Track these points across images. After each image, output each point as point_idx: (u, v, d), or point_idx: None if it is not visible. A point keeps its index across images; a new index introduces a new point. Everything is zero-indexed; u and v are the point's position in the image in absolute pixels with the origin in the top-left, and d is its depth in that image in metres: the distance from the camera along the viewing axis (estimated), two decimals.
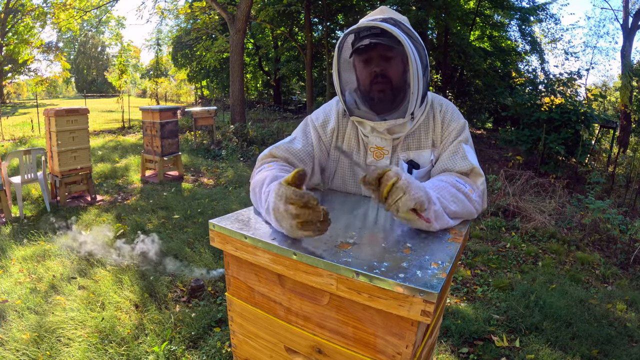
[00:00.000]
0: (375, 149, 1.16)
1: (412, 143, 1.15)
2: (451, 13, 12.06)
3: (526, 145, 7.36)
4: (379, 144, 1.15)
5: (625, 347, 2.35)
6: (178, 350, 2.16)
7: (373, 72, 1.06)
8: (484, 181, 1.08)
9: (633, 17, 14.23)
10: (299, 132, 1.22)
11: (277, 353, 0.93)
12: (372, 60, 1.06)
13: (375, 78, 1.06)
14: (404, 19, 1.10)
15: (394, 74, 1.06)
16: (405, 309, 0.68)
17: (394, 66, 1.05)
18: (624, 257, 3.68)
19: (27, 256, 3.15)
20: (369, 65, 1.07)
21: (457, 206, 0.96)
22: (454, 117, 1.14)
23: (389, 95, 1.07)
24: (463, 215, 0.99)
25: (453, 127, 1.13)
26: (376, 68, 1.05)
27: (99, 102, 24.31)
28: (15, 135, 9.63)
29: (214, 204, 4.78)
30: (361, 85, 1.12)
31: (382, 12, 1.11)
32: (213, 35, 16.16)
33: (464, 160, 1.08)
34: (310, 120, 1.25)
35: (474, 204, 1.01)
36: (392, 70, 1.06)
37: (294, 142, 1.17)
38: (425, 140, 1.14)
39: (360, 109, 1.13)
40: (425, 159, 1.14)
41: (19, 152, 4.15)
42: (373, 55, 1.05)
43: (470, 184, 1.04)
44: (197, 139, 9.38)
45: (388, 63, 1.05)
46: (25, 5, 18.13)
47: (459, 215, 0.98)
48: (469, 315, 2.61)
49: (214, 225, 0.93)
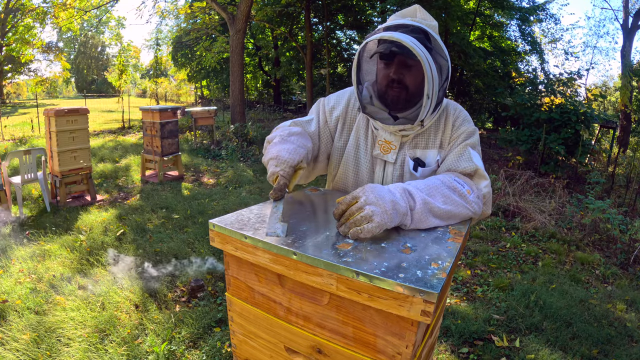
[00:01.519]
0: (384, 142, 1.17)
1: (421, 142, 1.16)
2: (451, 13, 12.05)
3: (526, 145, 7.35)
4: (387, 138, 1.17)
5: (625, 347, 2.35)
6: (178, 350, 2.17)
7: (391, 77, 1.07)
8: (488, 185, 1.09)
9: (633, 17, 14.23)
10: (314, 113, 1.27)
11: (277, 353, 0.93)
12: (392, 65, 1.07)
13: (392, 83, 1.07)
14: (433, 27, 1.09)
15: (411, 82, 1.06)
16: (405, 309, 0.67)
17: (412, 74, 1.05)
18: (624, 257, 3.68)
19: (27, 256, 3.15)
20: (388, 69, 1.07)
21: (449, 206, 0.97)
22: (465, 122, 1.16)
23: (403, 100, 1.08)
24: (457, 215, 0.99)
25: (462, 131, 1.14)
26: (394, 75, 1.06)
27: (99, 102, 24.30)
28: (15, 135, 9.63)
29: (214, 204, 4.78)
30: (378, 84, 1.13)
31: (415, 14, 1.11)
32: (213, 35, 16.16)
33: (469, 162, 1.09)
34: (323, 103, 1.28)
35: (471, 204, 1.01)
36: (409, 78, 1.06)
37: (311, 123, 1.24)
38: (433, 141, 1.16)
39: (374, 104, 1.13)
40: (431, 158, 1.15)
41: (19, 152, 4.15)
42: (395, 60, 1.06)
43: (470, 185, 1.05)
44: (197, 139, 9.38)
45: (407, 70, 1.05)
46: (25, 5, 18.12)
47: (453, 214, 0.98)
48: (469, 315, 2.61)
49: (214, 225, 0.93)
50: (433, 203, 0.94)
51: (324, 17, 14.50)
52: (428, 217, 0.93)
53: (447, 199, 0.97)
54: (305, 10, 13.99)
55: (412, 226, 0.93)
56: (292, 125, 1.20)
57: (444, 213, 0.96)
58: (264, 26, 16.20)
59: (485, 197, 1.08)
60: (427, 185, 0.99)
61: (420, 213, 0.92)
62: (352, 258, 0.76)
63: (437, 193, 0.97)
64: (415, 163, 1.15)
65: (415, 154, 1.16)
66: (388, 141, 1.17)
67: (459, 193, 1.00)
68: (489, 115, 14.74)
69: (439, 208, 0.95)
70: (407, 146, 1.16)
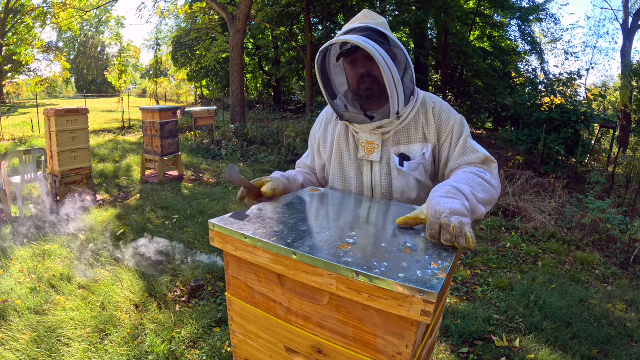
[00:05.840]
0: (366, 143, 1.22)
1: (402, 138, 1.20)
2: (451, 13, 12.05)
3: (526, 145, 7.35)
4: (369, 138, 1.22)
5: (625, 347, 2.35)
6: (178, 350, 2.17)
7: (359, 73, 1.15)
8: (497, 166, 1.17)
9: (633, 17, 14.24)
10: (309, 145, 1.45)
11: (277, 353, 0.93)
12: (357, 62, 1.15)
13: (362, 78, 1.15)
14: (381, 24, 1.17)
15: (379, 74, 1.13)
16: (405, 309, 0.68)
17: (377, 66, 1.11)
18: (624, 257, 3.68)
19: (27, 256, 3.15)
20: (355, 67, 1.16)
21: (486, 194, 1.03)
22: (450, 114, 1.20)
23: (377, 92, 1.16)
24: (490, 201, 1.05)
25: (452, 124, 1.18)
26: (362, 70, 1.14)
27: (99, 102, 24.29)
28: (15, 135, 9.63)
29: (214, 204, 4.78)
30: (351, 86, 1.21)
31: (364, 17, 1.20)
32: (213, 35, 16.15)
33: (476, 153, 1.16)
34: (312, 132, 1.42)
35: (496, 189, 1.09)
36: (377, 70, 1.13)
37: (307, 159, 1.45)
38: (415, 135, 1.20)
39: (350, 111, 1.22)
40: (416, 152, 1.20)
41: (19, 152, 4.15)
42: (358, 57, 1.14)
43: (490, 172, 1.12)
44: (197, 139, 9.38)
45: (372, 63, 1.12)
46: (25, 5, 18.12)
47: (487, 201, 1.03)
48: (469, 315, 2.61)
49: (214, 225, 0.93)
50: (477, 193, 0.99)
51: (324, 17, 14.51)
52: (478, 206, 0.97)
53: (483, 187, 1.04)
54: (305, 10, 14.00)
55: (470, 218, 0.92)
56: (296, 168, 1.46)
57: (485, 200, 1.01)
58: (264, 26, 16.19)
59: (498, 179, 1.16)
60: (464, 179, 1.04)
61: (473, 204, 0.95)
62: (352, 258, 0.76)
63: (475, 184, 1.02)
64: (401, 158, 1.19)
65: (399, 150, 1.20)
66: (370, 141, 1.22)
67: (487, 181, 1.07)
68: (489, 115, 14.74)
69: (480, 197, 1.00)
70: (389, 143, 1.21)
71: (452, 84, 14.55)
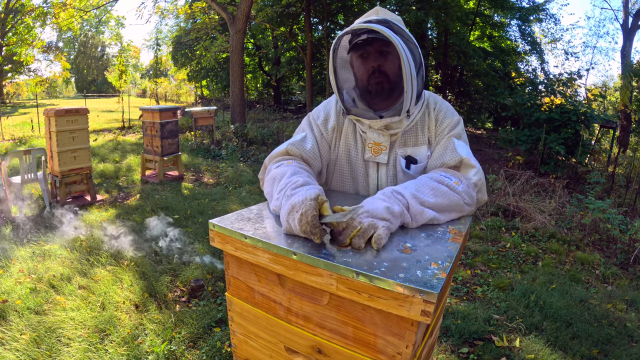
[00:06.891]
0: (373, 145, 1.19)
1: (410, 139, 1.18)
2: (451, 13, 12.05)
3: (526, 145, 7.35)
4: (376, 139, 1.18)
5: (625, 347, 2.35)
6: (178, 350, 2.16)
7: (371, 67, 1.09)
8: (477, 172, 1.08)
9: (633, 17, 14.24)
10: (307, 130, 1.25)
11: (277, 353, 0.93)
12: (369, 55, 1.09)
13: (373, 73, 1.10)
14: (397, 20, 1.13)
15: (390, 69, 1.09)
16: (405, 309, 0.67)
17: (390, 62, 1.09)
18: (624, 257, 3.68)
19: (27, 256, 3.15)
20: (366, 61, 1.10)
21: (440, 198, 0.98)
22: (447, 115, 1.17)
23: (387, 89, 1.11)
24: (448, 206, 1.00)
25: (446, 124, 1.16)
26: (374, 63, 1.09)
27: (99, 102, 24.28)
28: (15, 135, 9.63)
29: (214, 204, 4.78)
30: (359, 82, 1.15)
31: (377, 13, 1.14)
32: (213, 35, 16.15)
33: (453, 153, 1.10)
34: (312, 118, 1.27)
35: (461, 194, 1.02)
36: (388, 66, 1.09)
37: (306, 141, 1.20)
38: (422, 137, 1.17)
39: (358, 107, 1.16)
40: (422, 154, 1.17)
41: (19, 152, 4.15)
42: (370, 50, 1.09)
43: (458, 177, 1.06)
44: (197, 139, 9.38)
45: (385, 58, 1.08)
46: (25, 5, 18.11)
47: (443, 206, 0.99)
48: (469, 315, 2.61)
49: (214, 225, 0.93)
50: (422, 197, 0.96)
51: (324, 17, 14.50)
52: (423, 210, 0.94)
53: (436, 191, 0.99)
54: (305, 10, 14.00)
55: (414, 223, 0.94)
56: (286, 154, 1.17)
57: (436, 205, 0.97)
58: (264, 26, 16.20)
59: (477, 184, 1.08)
60: (415, 182, 1.01)
61: (414, 207, 0.93)
62: (352, 258, 0.76)
63: (425, 187, 0.99)
64: (407, 161, 1.17)
65: (406, 152, 1.17)
66: (377, 142, 1.18)
67: (446, 185, 1.01)
68: (489, 115, 14.75)
69: (429, 201, 0.96)
70: (397, 145, 1.18)
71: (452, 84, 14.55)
